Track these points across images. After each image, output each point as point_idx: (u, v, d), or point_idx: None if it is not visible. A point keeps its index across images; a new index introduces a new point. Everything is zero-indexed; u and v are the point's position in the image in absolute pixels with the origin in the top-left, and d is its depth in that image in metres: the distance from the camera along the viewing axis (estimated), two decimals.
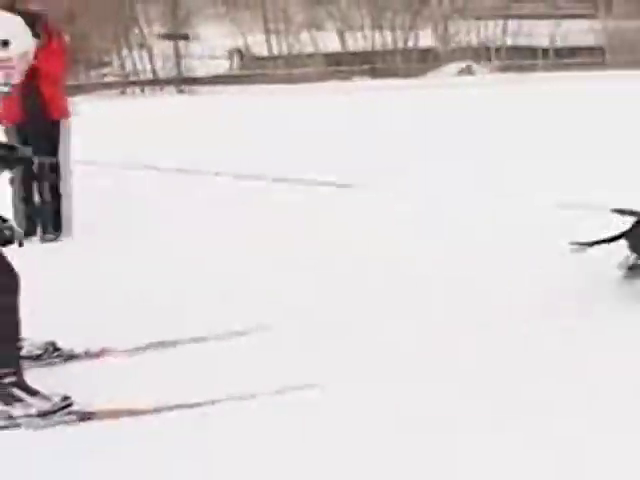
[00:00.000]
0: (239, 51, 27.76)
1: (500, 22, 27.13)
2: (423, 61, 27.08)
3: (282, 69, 26.49)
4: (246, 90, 22.28)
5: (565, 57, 27.21)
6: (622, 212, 5.76)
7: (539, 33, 27.27)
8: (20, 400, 3.09)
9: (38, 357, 3.72)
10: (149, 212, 7.91)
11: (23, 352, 3.41)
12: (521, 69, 25.11)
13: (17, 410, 3.08)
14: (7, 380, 3.06)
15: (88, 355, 3.92)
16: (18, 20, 3.41)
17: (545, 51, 27.69)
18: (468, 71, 25.89)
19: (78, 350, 3.92)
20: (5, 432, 3.10)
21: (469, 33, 27.59)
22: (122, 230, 7.18)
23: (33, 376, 3.33)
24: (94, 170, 9.36)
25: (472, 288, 5.34)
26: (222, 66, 27.54)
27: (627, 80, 18.74)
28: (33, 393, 3.14)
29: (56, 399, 3.16)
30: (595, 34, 27.65)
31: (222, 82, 24.64)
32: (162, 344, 4.28)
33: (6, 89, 3.35)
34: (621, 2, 27.46)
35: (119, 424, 3.26)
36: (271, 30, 27.32)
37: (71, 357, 3.87)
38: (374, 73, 25.85)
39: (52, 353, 3.80)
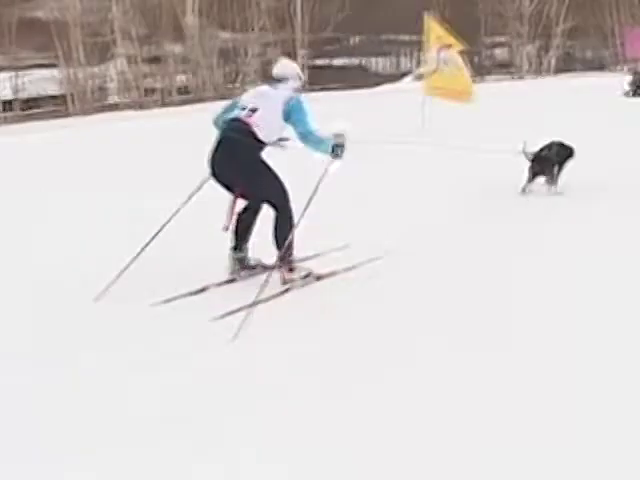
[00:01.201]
0: None
1: None
2: None
3: None
4: None
5: (31, 107, 27.48)
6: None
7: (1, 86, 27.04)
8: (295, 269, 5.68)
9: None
10: None
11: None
12: None
13: (295, 274, 5.64)
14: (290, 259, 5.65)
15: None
16: None
17: (9, 103, 27.58)
18: None
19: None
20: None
21: None
22: None
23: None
24: None
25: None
26: None
27: (88, 125, 20.10)
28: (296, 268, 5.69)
29: (304, 272, 5.74)
30: (58, 83, 28.53)
31: None
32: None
33: None
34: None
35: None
36: None
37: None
38: None
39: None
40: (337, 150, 5.35)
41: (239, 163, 5.32)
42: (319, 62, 41.78)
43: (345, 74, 39.87)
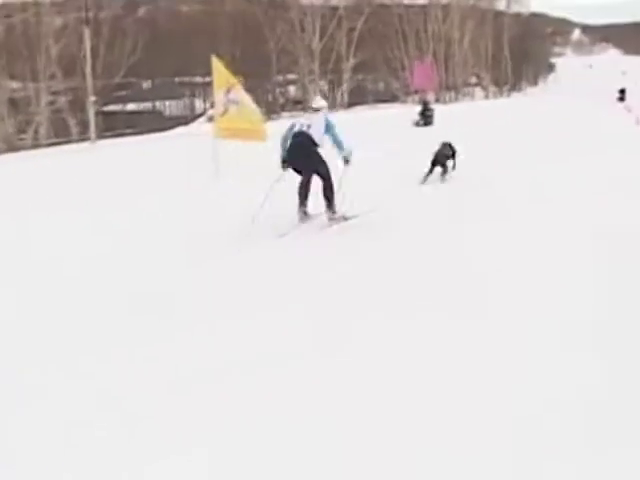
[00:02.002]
0: None
1: None
2: None
3: None
4: None
5: None
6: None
7: None
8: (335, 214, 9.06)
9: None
10: None
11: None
12: None
13: (335, 217, 9.02)
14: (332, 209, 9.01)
15: None
16: None
17: None
18: None
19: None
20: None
21: None
22: None
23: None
24: None
25: None
26: None
27: None
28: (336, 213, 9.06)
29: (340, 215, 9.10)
30: None
31: None
32: None
33: None
34: None
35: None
36: None
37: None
38: None
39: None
40: (348, 159, 9.19)
41: (306, 155, 8.92)
42: (112, 108, 40.63)
43: (139, 119, 38.91)
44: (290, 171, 9.06)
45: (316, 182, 9.13)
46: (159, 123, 36.52)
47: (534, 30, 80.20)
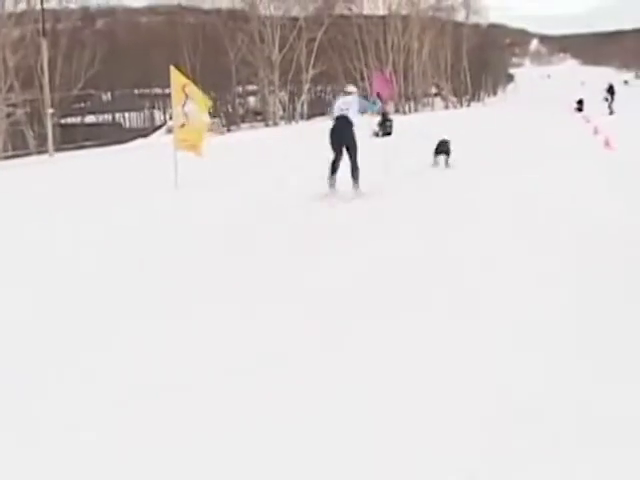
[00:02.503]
0: None
1: None
2: None
3: None
4: None
5: None
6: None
7: None
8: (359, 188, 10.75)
9: None
10: None
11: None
12: None
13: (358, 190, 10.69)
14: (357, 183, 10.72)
15: None
16: None
17: None
18: None
19: None
20: None
21: None
22: None
23: None
24: None
25: None
26: None
27: None
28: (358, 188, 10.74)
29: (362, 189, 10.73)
30: None
31: None
32: None
33: None
34: None
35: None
36: None
37: None
38: None
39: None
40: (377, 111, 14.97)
41: (344, 135, 10.58)
42: (70, 120, 40.29)
43: (98, 131, 38.57)
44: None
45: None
46: (119, 135, 36.29)
47: (493, 41, 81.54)
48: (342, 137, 10.73)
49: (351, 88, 11.90)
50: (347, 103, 10.97)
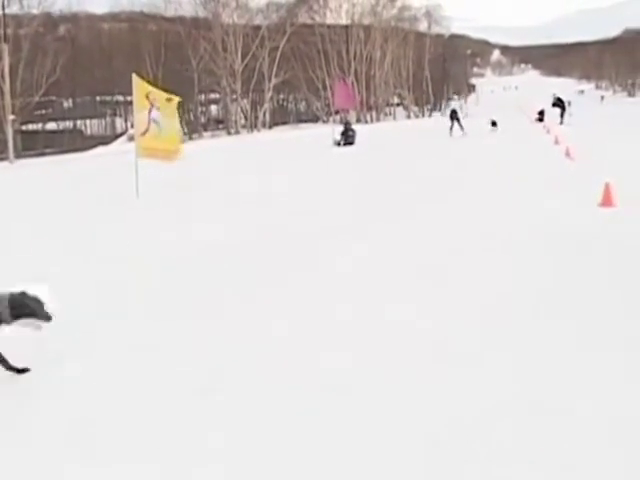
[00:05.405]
0: None
1: None
2: None
3: None
4: None
5: None
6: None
7: None
8: None
9: None
10: None
11: None
12: None
13: None
14: None
15: None
16: None
17: None
18: None
19: None
20: None
21: None
22: None
23: None
24: None
25: None
26: None
27: None
28: None
29: None
30: None
31: None
32: None
33: None
34: None
35: None
36: None
37: None
38: None
39: None
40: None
41: None
42: (31, 127, 39.92)
43: (59, 138, 38.26)
44: None
45: None
46: (80, 142, 36.09)
47: (455, 51, 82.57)
48: None
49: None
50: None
